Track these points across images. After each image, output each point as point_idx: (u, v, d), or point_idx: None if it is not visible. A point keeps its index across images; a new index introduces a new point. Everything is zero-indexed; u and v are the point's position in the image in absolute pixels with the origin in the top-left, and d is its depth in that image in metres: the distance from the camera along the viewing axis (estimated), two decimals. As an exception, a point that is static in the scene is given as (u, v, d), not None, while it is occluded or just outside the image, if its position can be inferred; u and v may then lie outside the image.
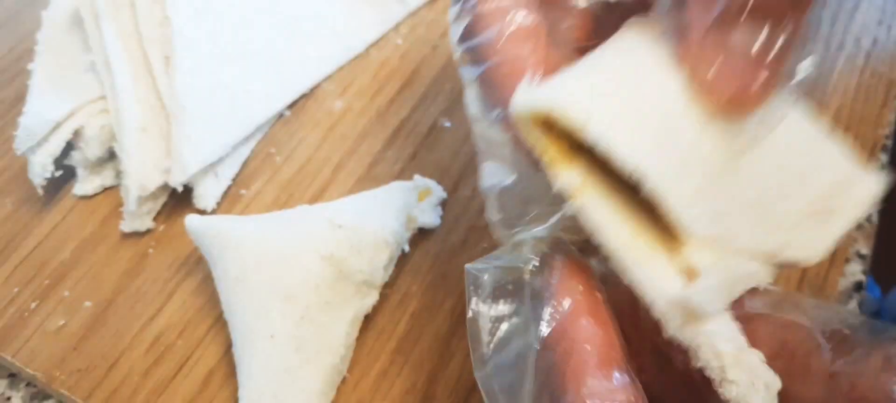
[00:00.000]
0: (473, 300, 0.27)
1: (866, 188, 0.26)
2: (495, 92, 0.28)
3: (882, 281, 0.74)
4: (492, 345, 0.26)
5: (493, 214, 0.31)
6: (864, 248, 0.48)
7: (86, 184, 0.50)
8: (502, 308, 0.26)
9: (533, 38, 0.28)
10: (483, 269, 0.27)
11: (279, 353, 0.40)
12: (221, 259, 0.42)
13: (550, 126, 0.24)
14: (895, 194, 0.28)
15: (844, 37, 0.57)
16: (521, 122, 0.25)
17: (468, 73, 0.29)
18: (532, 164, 0.27)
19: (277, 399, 0.39)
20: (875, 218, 0.49)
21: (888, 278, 0.72)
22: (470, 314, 0.27)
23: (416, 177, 0.48)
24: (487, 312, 0.26)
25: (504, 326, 0.26)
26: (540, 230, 0.27)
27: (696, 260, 0.24)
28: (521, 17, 0.28)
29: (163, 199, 0.49)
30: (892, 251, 0.55)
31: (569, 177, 0.24)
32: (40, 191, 0.49)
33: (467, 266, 0.27)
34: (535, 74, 0.27)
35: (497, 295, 0.27)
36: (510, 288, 0.26)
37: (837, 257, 0.46)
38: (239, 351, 0.41)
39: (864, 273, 0.47)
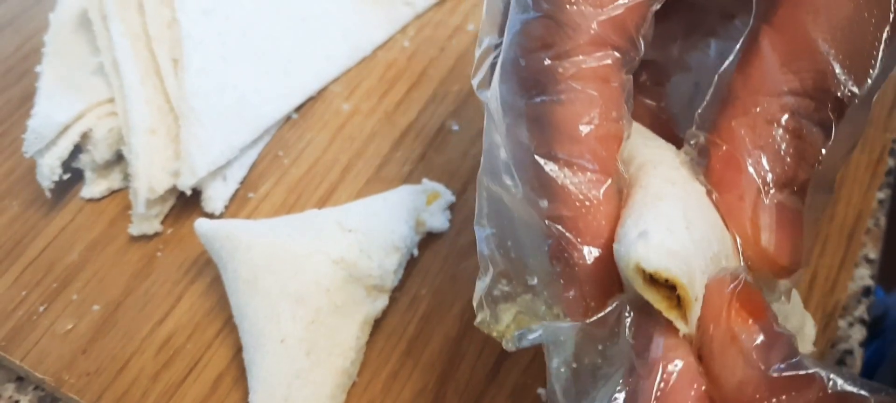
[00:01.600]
0: (554, 361, 0.27)
1: (810, 329, 0.33)
2: (563, 205, 0.25)
3: (885, 283, 0.74)
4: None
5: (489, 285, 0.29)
6: (873, 253, 0.48)
7: (93, 187, 0.49)
8: (585, 367, 0.27)
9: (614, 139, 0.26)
10: (565, 329, 0.27)
11: (290, 357, 0.40)
12: (231, 262, 0.42)
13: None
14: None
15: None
16: (631, 271, 0.24)
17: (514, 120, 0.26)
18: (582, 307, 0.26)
19: (288, 402, 0.39)
20: (883, 222, 0.49)
21: (892, 279, 0.72)
22: (550, 373, 0.27)
23: (425, 180, 0.48)
24: (567, 372, 0.27)
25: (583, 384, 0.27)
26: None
27: None
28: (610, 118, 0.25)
29: (171, 202, 0.49)
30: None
31: (685, 325, 0.24)
32: (48, 194, 0.49)
33: (545, 324, 0.27)
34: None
35: (580, 355, 0.27)
36: (600, 348, 0.26)
37: (847, 261, 0.46)
38: (249, 355, 0.41)
39: (873, 277, 0.47)
